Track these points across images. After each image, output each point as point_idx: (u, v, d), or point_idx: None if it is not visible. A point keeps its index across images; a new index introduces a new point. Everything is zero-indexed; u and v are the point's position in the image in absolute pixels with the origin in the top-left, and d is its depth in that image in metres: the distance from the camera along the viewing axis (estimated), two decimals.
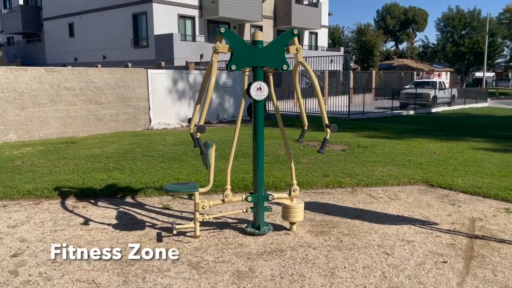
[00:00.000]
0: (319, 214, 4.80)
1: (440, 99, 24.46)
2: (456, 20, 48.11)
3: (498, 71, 73.37)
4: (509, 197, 5.37)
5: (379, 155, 8.10)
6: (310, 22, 31.75)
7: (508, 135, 11.51)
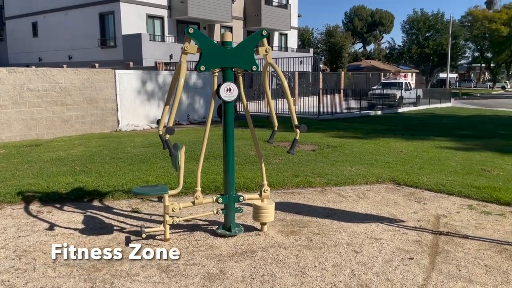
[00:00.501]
0: (290, 214, 4.83)
1: (406, 99, 25.12)
2: (421, 22, 49.62)
3: (461, 72, 76.03)
4: (472, 194, 5.57)
5: (348, 154, 8.24)
6: (279, 24, 31.96)
7: (470, 134, 11.95)
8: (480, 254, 3.73)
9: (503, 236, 4.17)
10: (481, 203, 5.30)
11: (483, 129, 13.13)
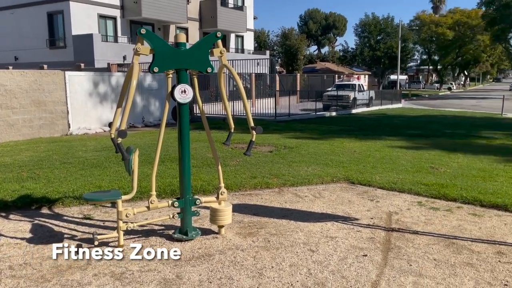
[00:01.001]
0: (247, 216, 4.83)
1: (359, 100, 25.87)
2: (372, 26, 51.37)
3: (410, 74, 79.35)
4: (421, 191, 5.80)
5: (304, 155, 8.36)
6: (236, 25, 31.99)
7: (419, 133, 12.48)
8: (429, 248, 3.89)
9: (450, 230, 4.37)
10: (430, 199, 5.53)
11: (431, 129, 13.75)
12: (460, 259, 3.65)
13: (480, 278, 3.30)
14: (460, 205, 5.29)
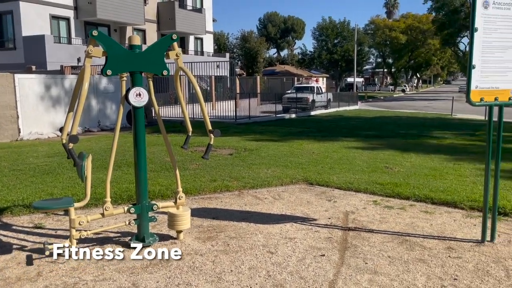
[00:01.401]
0: (206, 220, 4.79)
1: (318, 102, 26.35)
2: (329, 30, 52.52)
3: (366, 76, 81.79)
4: (376, 190, 5.98)
5: (264, 157, 8.41)
6: (195, 27, 31.76)
7: (375, 134, 12.86)
8: (384, 246, 4.01)
9: (403, 228, 4.52)
10: (385, 198, 5.71)
11: (386, 130, 14.21)
12: (413, 256, 3.79)
13: (431, 273, 3.44)
14: (413, 203, 5.49)
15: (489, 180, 4.12)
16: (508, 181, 6.47)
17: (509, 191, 5.93)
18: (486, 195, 4.14)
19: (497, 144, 4.14)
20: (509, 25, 3.95)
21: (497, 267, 3.55)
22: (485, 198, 4.15)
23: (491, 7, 3.85)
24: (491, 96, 3.98)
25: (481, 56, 3.89)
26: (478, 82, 3.91)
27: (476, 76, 3.89)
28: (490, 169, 4.12)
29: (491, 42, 3.90)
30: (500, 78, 4.00)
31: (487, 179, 4.13)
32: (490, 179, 4.14)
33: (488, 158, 4.12)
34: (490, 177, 4.14)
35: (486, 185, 4.14)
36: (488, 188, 4.13)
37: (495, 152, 4.12)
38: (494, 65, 3.95)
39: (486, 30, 3.86)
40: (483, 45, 3.88)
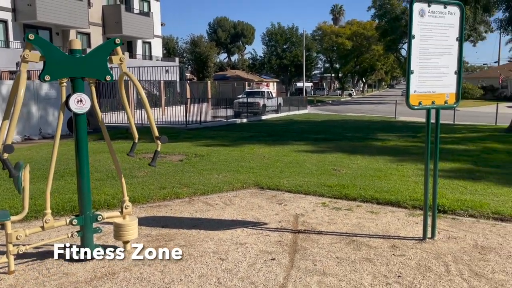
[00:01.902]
0: (155, 229, 4.67)
1: (269, 107, 26.65)
2: (278, 35, 53.33)
3: (315, 81, 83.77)
4: (325, 193, 6.11)
5: (215, 162, 8.36)
6: (142, 31, 31.10)
7: (323, 137, 13.17)
8: (332, 247, 4.09)
9: (351, 229, 4.65)
10: (333, 200, 5.84)
11: (334, 133, 14.60)
12: (359, 255, 3.89)
13: (377, 271, 3.55)
14: (360, 203, 5.66)
15: (428, 179, 4.34)
16: (447, 180, 6.85)
17: (448, 189, 6.28)
18: (426, 194, 4.35)
19: (435, 145, 4.36)
20: (443, 32, 4.19)
21: (437, 262, 3.73)
22: (425, 197, 4.35)
23: (427, 16, 4.06)
24: (428, 100, 4.19)
25: (418, 62, 4.09)
26: (416, 86, 4.11)
27: (414, 81, 4.08)
28: (429, 169, 4.34)
29: (428, 48, 4.12)
30: (436, 83, 4.22)
31: (427, 178, 4.34)
32: (430, 178, 4.36)
33: (427, 158, 4.33)
34: (430, 176, 4.35)
35: (426, 184, 4.35)
36: (427, 188, 4.34)
37: (434, 152, 4.34)
38: (430, 71, 4.17)
39: (423, 37, 4.07)
40: (420, 51, 4.08)
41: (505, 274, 3.49)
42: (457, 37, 4.26)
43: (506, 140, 12.17)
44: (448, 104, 4.35)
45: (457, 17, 4.24)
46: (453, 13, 4.21)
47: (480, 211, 5.17)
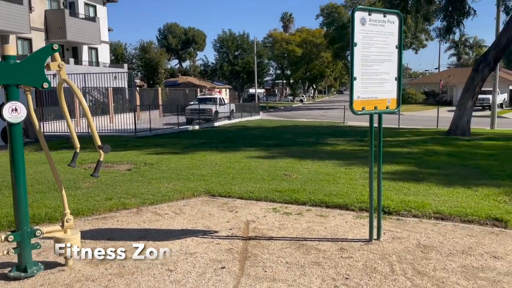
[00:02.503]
0: (100, 242, 4.48)
1: (221, 113, 26.59)
2: (230, 42, 53.50)
3: (267, 87, 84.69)
4: (276, 198, 6.14)
5: (165, 171, 8.18)
6: (88, 37, 30.09)
7: (275, 143, 13.29)
8: (282, 253, 4.11)
9: (300, 233, 4.69)
10: (284, 205, 5.89)
11: (285, 138, 14.79)
12: (309, 259, 3.93)
13: (325, 275, 3.60)
14: (310, 208, 5.74)
15: (373, 182, 4.47)
16: (392, 182, 7.11)
17: (393, 191, 6.51)
18: (371, 197, 4.48)
19: (378, 148, 4.51)
20: (384, 40, 4.35)
21: (383, 263, 3.84)
22: (371, 200, 4.48)
23: (368, 24, 4.20)
24: (371, 105, 4.33)
25: (361, 69, 4.22)
26: (360, 92, 4.23)
27: (357, 87, 4.20)
28: (374, 171, 4.48)
29: (369, 55, 4.26)
30: (378, 89, 4.37)
31: (371, 182, 4.47)
32: (374, 181, 4.50)
33: (371, 162, 4.47)
34: (374, 179, 4.49)
35: (370, 187, 4.48)
36: (372, 191, 4.47)
37: (378, 156, 4.48)
38: (372, 77, 4.31)
39: (364, 44, 4.20)
40: (362, 58, 4.21)
41: (445, 272, 3.65)
42: (397, 44, 4.44)
43: (446, 142, 12.87)
44: (390, 109, 4.52)
45: (396, 26, 4.42)
46: (392, 21, 4.39)
47: (422, 211, 5.40)
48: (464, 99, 15.33)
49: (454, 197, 6.09)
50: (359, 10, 4.14)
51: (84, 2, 31.40)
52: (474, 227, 4.88)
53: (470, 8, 16.51)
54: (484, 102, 34.83)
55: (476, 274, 3.60)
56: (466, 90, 15.42)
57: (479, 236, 4.56)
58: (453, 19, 16.50)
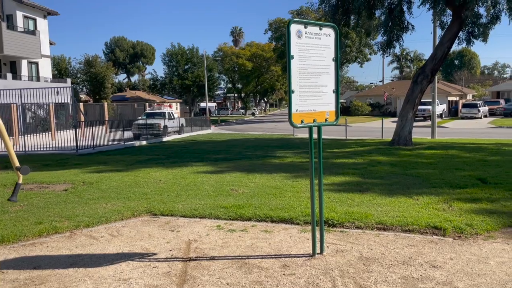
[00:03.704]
0: (25, 271, 4.09)
1: (170, 128, 26.06)
2: (179, 55, 52.99)
3: (219, 101, 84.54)
4: (221, 215, 5.96)
5: (104, 190, 7.77)
6: (27, 51, 28.62)
7: (224, 157, 13.11)
8: (223, 273, 3.93)
9: (244, 251, 4.54)
10: (228, 221, 5.72)
11: (234, 152, 14.64)
12: (250, 279, 3.78)
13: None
14: (255, 223, 5.61)
15: (314, 195, 4.42)
16: (337, 193, 7.15)
17: (337, 202, 6.53)
18: (313, 210, 4.42)
19: (318, 160, 4.48)
20: (321, 53, 4.35)
21: (325, 278, 3.76)
22: (312, 212, 4.42)
23: (304, 37, 4.18)
24: (310, 118, 4.29)
25: (298, 82, 4.17)
26: (298, 105, 4.18)
27: (295, 100, 4.15)
28: (314, 183, 4.43)
29: (307, 68, 4.23)
30: (316, 101, 4.34)
31: (313, 195, 4.42)
32: (316, 193, 4.45)
33: (312, 174, 4.42)
34: (316, 191, 4.44)
35: (312, 201, 4.42)
36: (314, 204, 4.42)
37: (318, 168, 4.44)
38: (310, 90, 4.28)
39: (301, 57, 4.17)
40: (300, 71, 4.17)
41: (386, 284, 3.63)
42: (333, 57, 4.45)
43: (390, 152, 13.26)
44: (329, 122, 4.50)
45: (332, 39, 4.44)
46: (328, 34, 4.40)
47: (365, 222, 5.42)
48: (405, 110, 15.95)
49: (396, 207, 6.19)
50: (295, 23, 4.10)
51: (23, 15, 29.92)
52: (415, 236, 4.95)
53: (409, 23, 17.29)
54: (425, 113, 36.56)
55: (416, 285, 3.60)
56: (406, 101, 16.06)
57: (419, 245, 4.61)
58: (393, 33, 17.19)
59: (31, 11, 30.73)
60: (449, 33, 15.90)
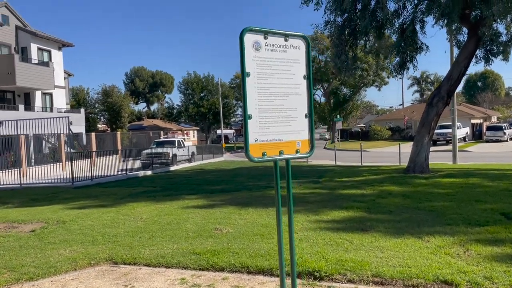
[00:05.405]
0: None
1: (179, 156, 25.48)
2: (195, 84, 53.12)
3: (236, 128, 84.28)
4: (190, 263, 5.06)
5: (73, 231, 6.97)
6: (41, 82, 28.83)
7: (222, 188, 12.20)
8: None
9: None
10: (197, 272, 4.81)
11: (236, 182, 13.72)
12: None
13: None
14: (227, 275, 4.69)
15: (282, 245, 3.49)
16: (335, 233, 6.16)
17: (332, 246, 5.54)
18: (281, 259, 3.47)
19: (288, 197, 3.59)
20: (287, 69, 3.49)
21: None
22: (281, 263, 3.47)
23: (264, 49, 3.34)
24: (275, 149, 3.41)
25: (258, 105, 3.31)
26: (258, 134, 3.31)
27: (254, 127, 3.28)
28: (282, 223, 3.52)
29: (269, 88, 3.37)
30: (283, 129, 3.46)
31: (281, 245, 3.49)
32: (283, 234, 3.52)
33: (279, 217, 3.53)
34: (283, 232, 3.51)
35: (280, 244, 3.48)
36: (283, 257, 3.48)
37: (288, 206, 3.53)
38: (274, 114, 3.40)
39: (261, 75, 3.32)
40: (259, 91, 3.32)
41: None
42: (305, 74, 3.58)
43: (403, 181, 12.09)
44: (301, 153, 3.61)
45: (302, 52, 3.58)
46: (297, 46, 3.55)
47: (359, 274, 4.44)
48: (420, 134, 14.80)
49: (401, 252, 5.16)
50: (251, 31, 3.26)
51: (37, 47, 30.38)
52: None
53: (423, 43, 16.34)
54: (447, 136, 35.01)
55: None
56: (422, 125, 14.93)
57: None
58: (406, 54, 16.27)
59: (46, 43, 31.20)
60: (466, 51, 14.86)
